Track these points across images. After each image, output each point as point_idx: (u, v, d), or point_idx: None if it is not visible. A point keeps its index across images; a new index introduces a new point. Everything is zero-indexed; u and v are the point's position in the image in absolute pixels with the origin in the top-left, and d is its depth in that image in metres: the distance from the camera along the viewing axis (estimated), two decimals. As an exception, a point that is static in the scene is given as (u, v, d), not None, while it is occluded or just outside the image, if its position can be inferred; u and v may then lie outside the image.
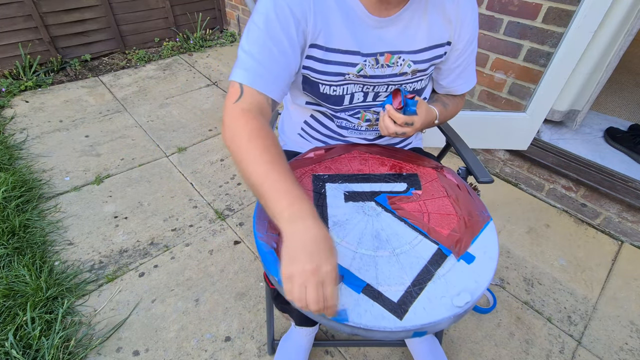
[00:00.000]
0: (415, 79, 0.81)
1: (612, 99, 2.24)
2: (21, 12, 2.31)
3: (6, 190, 1.56)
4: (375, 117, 0.86)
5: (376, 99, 0.83)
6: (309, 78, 0.77)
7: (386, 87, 0.81)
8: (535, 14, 1.48)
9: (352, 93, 0.80)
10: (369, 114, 0.85)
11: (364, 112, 0.85)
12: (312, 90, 0.80)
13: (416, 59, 0.78)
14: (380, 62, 0.76)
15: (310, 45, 0.72)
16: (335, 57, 0.74)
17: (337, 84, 0.78)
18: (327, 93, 0.79)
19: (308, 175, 0.81)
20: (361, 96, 0.82)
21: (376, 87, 0.80)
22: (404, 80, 0.80)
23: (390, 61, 0.76)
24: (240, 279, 1.37)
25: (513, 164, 1.85)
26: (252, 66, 0.67)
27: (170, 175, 1.83)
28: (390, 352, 1.18)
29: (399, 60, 0.77)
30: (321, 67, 0.75)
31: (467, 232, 0.70)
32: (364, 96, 0.82)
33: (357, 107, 0.84)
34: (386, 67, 0.77)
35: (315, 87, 0.79)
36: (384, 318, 0.55)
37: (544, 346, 1.22)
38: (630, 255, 1.54)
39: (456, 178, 0.84)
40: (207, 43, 3.14)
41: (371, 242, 0.66)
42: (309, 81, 0.78)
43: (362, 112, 0.85)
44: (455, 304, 0.56)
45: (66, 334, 1.16)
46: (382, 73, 0.78)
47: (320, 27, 0.70)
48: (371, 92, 0.81)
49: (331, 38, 0.72)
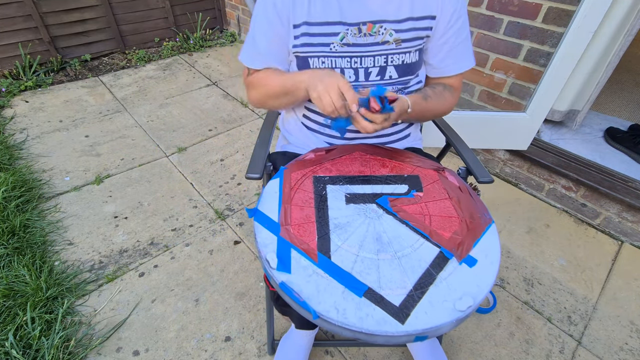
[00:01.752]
0: (400, 49, 0.82)
1: (612, 99, 2.24)
2: (21, 12, 2.31)
3: (6, 190, 1.56)
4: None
5: (368, 79, 0.84)
6: (299, 56, 0.84)
7: (373, 59, 0.82)
8: (535, 14, 1.48)
9: (342, 68, 0.83)
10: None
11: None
12: (304, 68, 0.85)
13: (398, 27, 0.80)
14: (363, 31, 0.80)
15: (295, 26, 0.80)
16: (319, 29, 0.80)
17: (325, 55, 0.82)
18: (317, 67, 0.84)
19: (309, 176, 0.81)
20: (352, 73, 0.83)
21: (363, 59, 0.82)
22: (389, 50, 0.81)
23: (372, 30, 0.79)
24: (240, 279, 1.37)
25: (513, 164, 1.85)
26: (254, 51, 0.87)
27: (170, 175, 1.83)
28: (390, 352, 1.18)
29: (381, 29, 0.79)
30: (307, 40, 0.81)
31: (468, 235, 0.69)
32: (355, 74, 0.83)
33: None
34: (369, 36, 0.80)
35: (306, 64, 0.84)
36: (386, 322, 0.54)
37: (544, 346, 1.22)
38: (630, 255, 1.54)
39: (457, 180, 0.83)
40: (207, 43, 3.14)
41: (373, 245, 0.66)
42: (299, 59, 0.85)
43: None
44: (457, 308, 0.56)
45: (66, 334, 1.16)
46: (365, 41, 0.80)
47: (302, 3, 0.78)
48: (360, 67, 0.82)
49: (315, 11, 0.77)
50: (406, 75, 0.86)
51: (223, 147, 2.04)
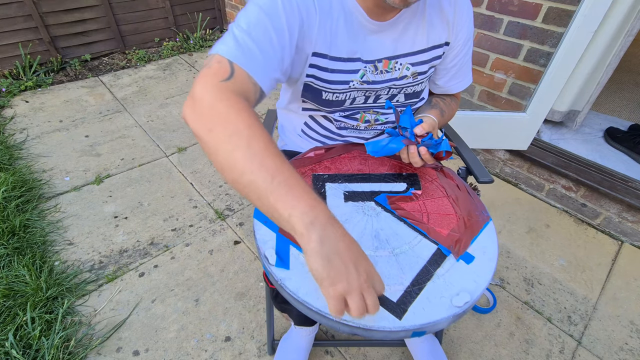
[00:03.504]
0: (416, 82, 0.82)
1: (612, 99, 2.24)
2: (21, 12, 2.31)
3: (6, 190, 1.56)
4: (374, 117, 0.86)
5: (377, 101, 0.83)
6: (311, 86, 0.76)
7: (387, 90, 0.81)
8: (535, 14, 1.48)
9: (354, 97, 0.80)
10: (368, 114, 0.85)
11: (364, 113, 0.85)
12: (314, 97, 0.79)
13: (414, 60, 0.78)
14: (379, 68, 0.76)
15: (314, 54, 0.70)
16: (340, 65, 0.73)
17: (342, 92, 0.77)
18: (330, 99, 0.78)
19: (308, 174, 0.81)
20: (362, 99, 0.82)
21: (378, 91, 0.80)
22: (405, 84, 0.80)
23: (389, 67, 0.76)
24: (240, 279, 1.37)
25: (513, 164, 1.85)
26: (248, 47, 0.57)
27: (170, 175, 1.83)
28: (390, 352, 1.18)
29: (397, 65, 0.77)
30: (327, 76, 0.73)
31: (466, 232, 0.70)
32: (365, 99, 0.82)
33: (356, 108, 0.84)
34: (385, 73, 0.77)
35: (317, 95, 0.78)
36: (384, 318, 0.54)
37: (544, 346, 1.22)
38: (630, 255, 1.53)
39: (456, 178, 0.84)
40: (207, 43, 3.14)
41: (371, 242, 0.66)
42: (310, 89, 0.77)
43: (361, 113, 0.85)
44: (454, 304, 0.56)
45: (66, 334, 1.16)
46: (383, 78, 0.78)
47: (325, 34, 0.68)
48: (372, 95, 0.81)
49: (335, 46, 0.70)
50: (412, 99, 0.87)
51: (223, 147, 2.04)
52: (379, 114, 0.86)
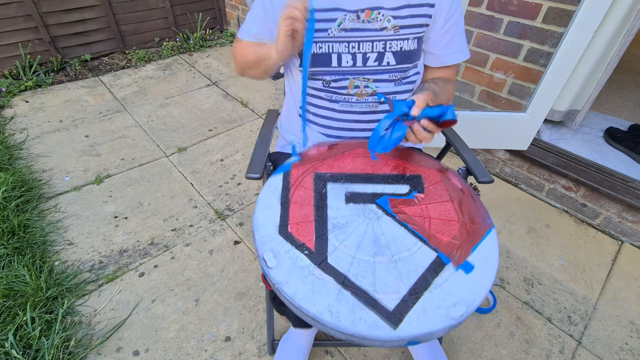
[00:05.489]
0: (398, 36, 0.82)
1: (612, 99, 2.24)
2: (21, 12, 2.31)
3: (6, 190, 1.56)
4: (363, 84, 0.87)
5: (365, 64, 0.84)
6: None
7: (371, 44, 0.82)
8: (535, 14, 1.48)
9: (339, 53, 0.83)
10: (357, 80, 0.86)
11: (352, 79, 0.86)
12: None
13: (396, 14, 0.80)
14: (361, 17, 0.80)
15: None
16: (317, 15, 0.78)
17: (322, 41, 0.82)
18: (314, 52, 0.83)
19: (310, 173, 0.81)
20: (349, 58, 0.83)
21: (361, 44, 0.82)
22: (386, 36, 0.82)
23: (371, 17, 0.80)
24: (240, 279, 1.37)
25: (513, 164, 1.85)
26: (247, 30, 0.90)
27: (170, 175, 1.83)
28: (390, 352, 1.18)
29: (379, 15, 0.80)
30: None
31: (467, 239, 0.68)
32: (353, 59, 0.83)
33: (345, 71, 0.85)
34: (367, 22, 0.80)
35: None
36: (379, 327, 0.54)
37: (544, 346, 1.22)
38: (630, 255, 1.53)
39: (460, 182, 0.82)
40: (207, 43, 3.14)
41: (370, 247, 0.66)
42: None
43: (350, 79, 0.86)
44: (450, 316, 0.56)
45: (66, 334, 1.16)
46: (363, 27, 0.81)
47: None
48: (358, 52, 0.82)
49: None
50: (404, 63, 0.86)
51: (223, 147, 2.04)
52: (370, 81, 0.86)
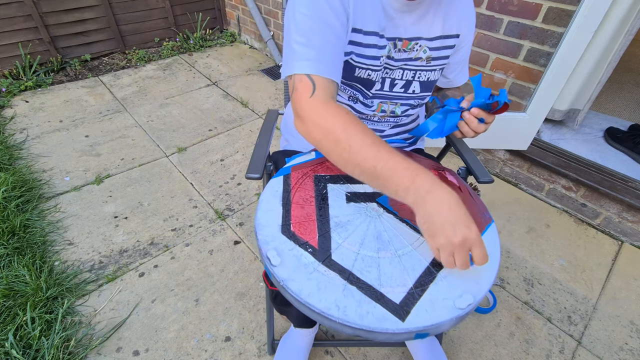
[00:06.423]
0: (429, 67, 0.83)
1: (612, 99, 2.24)
2: (21, 12, 2.31)
3: (6, 190, 1.56)
4: (390, 108, 0.87)
5: (392, 89, 0.84)
6: (349, 62, 0.77)
7: (402, 72, 0.82)
8: (535, 14, 1.48)
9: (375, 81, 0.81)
10: (386, 105, 0.86)
11: (381, 103, 0.86)
12: (346, 74, 0.79)
13: (432, 45, 0.80)
14: (398, 46, 0.78)
15: (353, 30, 0.73)
16: (372, 39, 0.74)
17: (375, 69, 0.78)
18: (361, 77, 0.79)
19: (310, 175, 0.81)
20: (379, 84, 0.83)
21: (393, 72, 0.81)
22: (418, 67, 0.82)
23: (408, 47, 0.79)
24: (240, 279, 1.37)
25: (513, 164, 1.85)
26: (314, 55, 0.66)
27: (170, 175, 1.83)
28: (390, 352, 1.18)
29: (416, 46, 0.79)
30: (362, 51, 0.75)
31: None
32: (381, 83, 0.83)
33: (374, 94, 0.84)
34: (403, 52, 0.79)
35: (350, 71, 0.79)
36: (386, 320, 0.54)
37: (544, 346, 1.22)
38: (630, 255, 1.54)
39: (457, 180, 0.83)
40: (207, 43, 3.14)
41: (373, 243, 0.66)
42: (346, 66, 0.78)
43: (378, 103, 0.86)
44: (457, 306, 0.56)
45: (66, 334, 1.16)
46: (399, 57, 0.80)
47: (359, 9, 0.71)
48: (388, 78, 0.82)
49: (366, 21, 0.73)
50: (426, 92, 0.87)
51: (223, 147, 2.04)
52: (397, 105, 0.87)
